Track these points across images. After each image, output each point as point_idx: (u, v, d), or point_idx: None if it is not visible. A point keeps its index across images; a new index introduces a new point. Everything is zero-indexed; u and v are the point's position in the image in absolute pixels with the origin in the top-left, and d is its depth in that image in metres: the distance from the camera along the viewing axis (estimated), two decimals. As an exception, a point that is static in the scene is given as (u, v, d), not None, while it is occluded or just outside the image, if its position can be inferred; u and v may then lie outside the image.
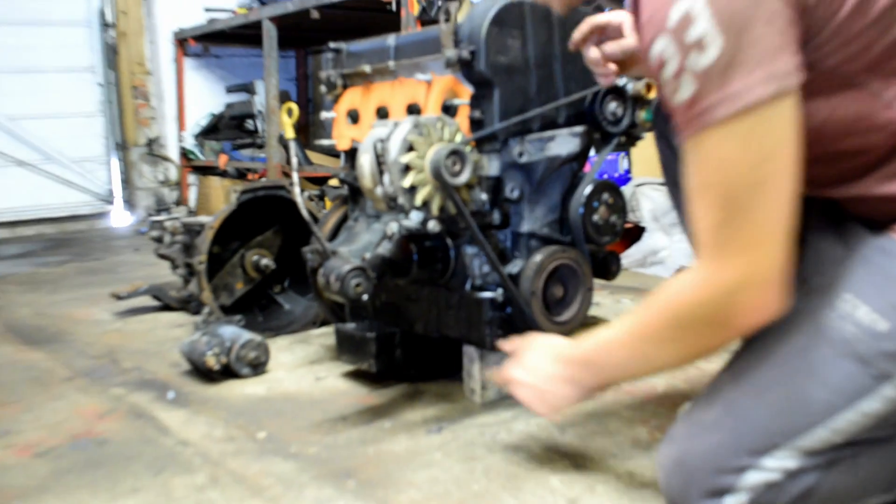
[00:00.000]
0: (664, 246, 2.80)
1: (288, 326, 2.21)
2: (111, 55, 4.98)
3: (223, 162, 4.66)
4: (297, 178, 1.69)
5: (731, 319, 0.91)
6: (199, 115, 5.04)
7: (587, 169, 1.64)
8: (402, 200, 1.38)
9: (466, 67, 1.50)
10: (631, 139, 1.68)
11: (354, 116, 1.78)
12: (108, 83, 4.98)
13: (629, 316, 1.03)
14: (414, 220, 1.48)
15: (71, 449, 1.46)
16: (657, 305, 0.98)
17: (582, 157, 1.59)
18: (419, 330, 1.65)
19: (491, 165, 1.52)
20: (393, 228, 1.51)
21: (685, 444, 0.99)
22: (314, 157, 4.20)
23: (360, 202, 1.79)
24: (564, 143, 1.54)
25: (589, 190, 1.58)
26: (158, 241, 2.38)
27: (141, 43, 5.05)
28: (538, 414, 1.19)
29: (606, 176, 3.13)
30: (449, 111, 1.57)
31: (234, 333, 1.83)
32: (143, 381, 1.84)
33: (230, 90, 4.85)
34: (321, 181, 3.77)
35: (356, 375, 1.80)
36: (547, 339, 1.22)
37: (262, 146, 4.35)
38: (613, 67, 1.35)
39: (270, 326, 2.20)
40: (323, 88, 1.85)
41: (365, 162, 1.42)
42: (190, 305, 2.42)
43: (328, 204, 2.04)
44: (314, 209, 2.16)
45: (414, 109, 1.61)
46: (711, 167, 0.87)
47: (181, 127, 5.09)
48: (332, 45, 1.83)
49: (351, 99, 1.81)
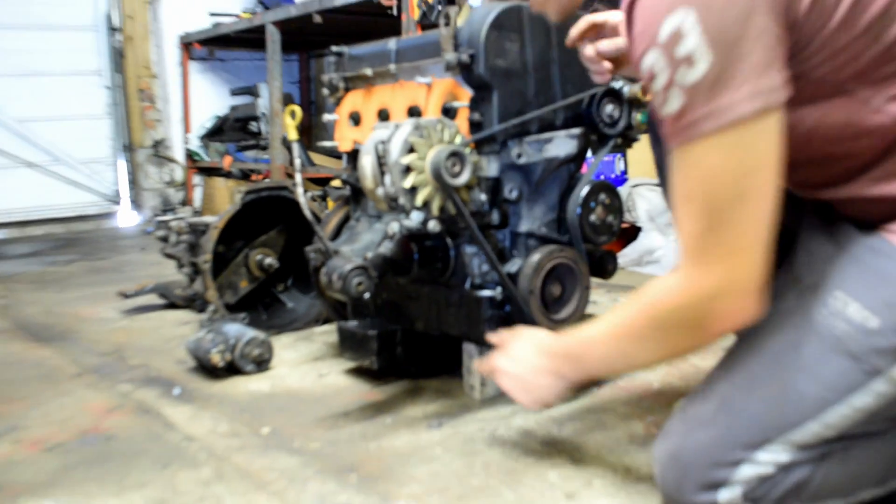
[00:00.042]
0: (660, 245, 2.80)
1: (291, 324, 2.22)
2: (118, 59, 4.99)
3: (228, 163, 4.67)
4: (300, 178, 1.69)
5: (707, 324, 0.92)
6: (204, 117, 5.05)
7: (584, 170, 1.65)
8: (402, 201, 1.40)
9: (466, 71, 1.51)
10: (627, 141, 1.69)
11: (356, 119, 1.80)
12: (114, 86, 5.00)
13: (612, 314, 1.05)
14: (414, 220, 1.49)
15: (79, 444, 1.47)
16: (639, 306, 1.00)
17: (579, 158, 1.60)
18: (420, 327, 1.66)
19: (490, 166, 1.53)
20: (394, 228, 1.53)
21: (680, 438, 1.01)
22: (317, 158, 4.20)
23: (361, 202, 1.80)
24: (562, 144, 1.55)
25: (586, 190, 1.59)
26: (164, 240, 2.39)
27: (147, 47, 5.07)
28: (521, 404, 1.20)
29: (603, 177, 3.14)
30: (449, 113, 1.58)
31: (238, 331, 1.83)
32: (149, 377, 1.85)
33: (234, 93, 4.85)
34: (324, 182, 3.77)
35: (358, 372, 1.81)
36: (532, 332, 1.23)
37: (265, 148, 4.36)
38: (608, 65, 1.35)
39: (274, 324, 2.21)
40: (325, 91, 1.86)
41: (367, 163, 1.43)
42: (195, 304, 2.43)
43: (330, 204, 2.05)
44: (317, 209, 2.15)
45: (414, 112, 1.62)
46: (697, 178, 0.88)
47: (187, 129, 5.11)
48: (334, 48, 1.83)
49: (353, 101, 1.82)
